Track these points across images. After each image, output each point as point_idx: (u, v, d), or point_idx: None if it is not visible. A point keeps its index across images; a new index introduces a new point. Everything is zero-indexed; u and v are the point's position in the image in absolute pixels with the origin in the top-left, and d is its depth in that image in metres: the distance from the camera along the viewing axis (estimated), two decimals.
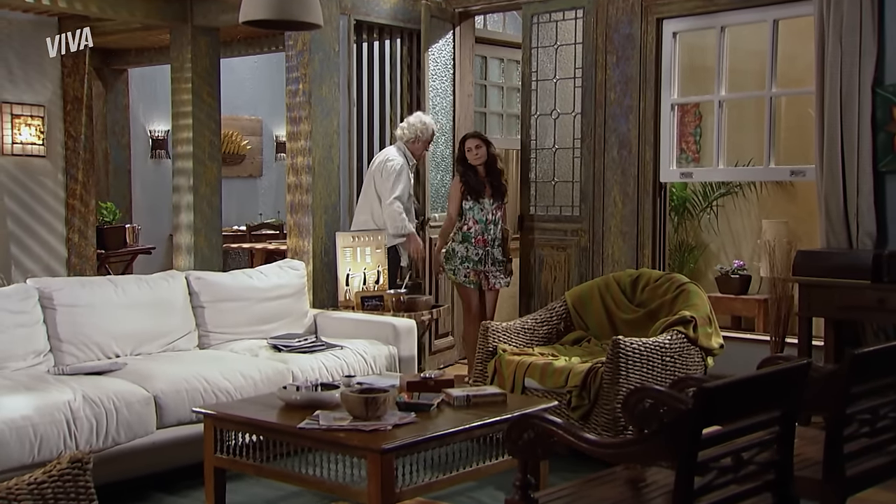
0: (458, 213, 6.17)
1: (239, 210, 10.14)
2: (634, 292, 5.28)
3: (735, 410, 2.61)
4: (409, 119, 6.37)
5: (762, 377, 2.70)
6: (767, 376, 2.72)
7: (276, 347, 4.88)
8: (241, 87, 10.21)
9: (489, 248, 6.12)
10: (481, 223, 6.11)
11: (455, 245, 6.11)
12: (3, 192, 7.66)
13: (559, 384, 4.66)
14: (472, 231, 6.11)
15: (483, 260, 6.11)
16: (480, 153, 6.13)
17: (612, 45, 6.31)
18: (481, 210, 6.11)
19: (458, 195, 6.17)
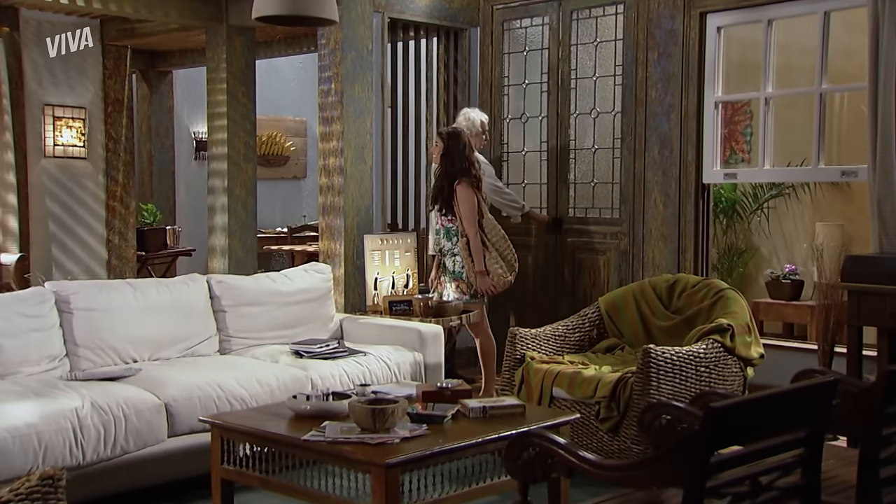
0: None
1: (283, 212, 10.11)
2: (671, 298, 5.05)
3: (750, 432, 2.41)
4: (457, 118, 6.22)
5: (781, 395, 2.49)
6: (787, 394, 2.50)
7: (297, 353, 4.77)
8: (285, 87, 10.17)
9: (442, 259, 5.70)
10: (433, 232, 5.79)
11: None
12: (44, 194, 7.71)
13: (588, 394, 4.47)
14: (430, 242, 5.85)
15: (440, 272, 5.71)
16: (435, 153, 5.73)
17: (653, 41, 6.09)
18: (434, 217, 5.76)
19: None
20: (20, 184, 7.43)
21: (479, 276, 5.51)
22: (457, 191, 5.51)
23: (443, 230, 5.63)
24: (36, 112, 7.63)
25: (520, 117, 6.78)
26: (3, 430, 3.55)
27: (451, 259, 5.60)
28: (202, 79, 9.59)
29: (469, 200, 5.50)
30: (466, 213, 5.49)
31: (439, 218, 5.63)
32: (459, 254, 5.55)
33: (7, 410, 3.66)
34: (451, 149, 5.54)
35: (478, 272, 5.50)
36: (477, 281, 5.52)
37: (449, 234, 5.60)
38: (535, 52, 6.71)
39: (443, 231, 5.63)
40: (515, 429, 3.57)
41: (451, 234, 5.58)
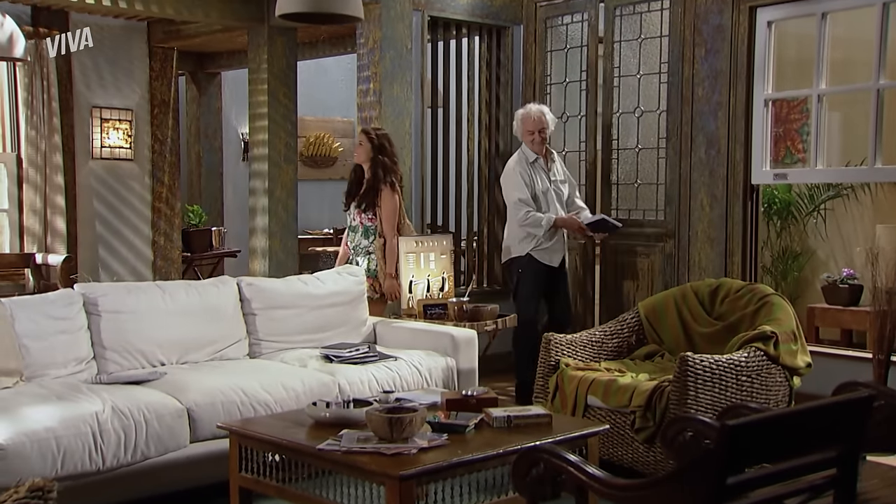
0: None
1: (331, 213, 10.06)
2: (713, 304, 4.86)
3: (774, 451, 2.25)
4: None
5: (807, 412, 2.32)
6: (815, 411, 2.34)
7: (327, 357, 4.69)
8: (334, 88, 10.13)
9: (352, 257, 5.66)
10: (348, 227, 5.72)
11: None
12: (92, 195, 7.77)
13: (623, 403, 4.31)
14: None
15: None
16: (360, 151, 5.59)
17: (700, 37, 5.89)
18: (349, 215, 5.69)
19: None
20: (68, 185, 7.51)
21: (388, 279, 5.51)
22: (382, 193, 5.50)
23: (361, 228, 5.58)
24: (84, 114, 7.70)
25: (560, 116, 6.62)
26: (21, 434, 3.52)
27: (366, 257, 5.55)
28: None
29: (393, 203, 5.51)
30: (388, 216, 5.50)
31: (359, 215, 5.58)
32: (375, 253, 5.52)
33: (27, 414, 3.63)
34: (384, 150, 5.52)
35: (388, 275, 5.49)
36: (385, 283, 5.51)
37: (367, 232, 5.56)
38: (576, 49, 6.55)
39: (361, 229, 5.58)
40: (541, 439, 3.44)
41: (370, 232, 5.55)
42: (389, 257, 5.50)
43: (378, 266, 5.52)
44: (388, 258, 5.50)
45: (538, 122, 5.71)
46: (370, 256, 5.54)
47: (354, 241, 5.62)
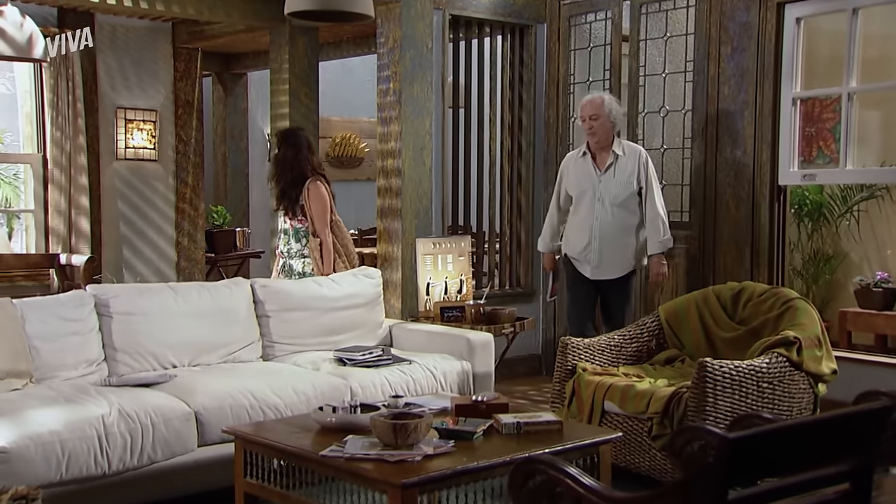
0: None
1: (357, 213, 10.01)
2: (736, 308, 4.74)
3: (780, 464, 2.14)
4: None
5: (815, 424, 2.22)
6: (824, 423, 2.23)
7: (340, 361, 4.63)
8: (360, 88, 10.08)
9: (285, 260, 5.49)
10: (278, 233, 5.55)
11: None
12: (116, 196, 7.79)
13: (640, 409, 4.20)
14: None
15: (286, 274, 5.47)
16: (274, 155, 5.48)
17: (726, 35, 5.76)
18: (278, 218, 5.51)
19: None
20: (92, 186, 7.52)
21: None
22: (309, 190, 5.31)
23: (291, 231, 5.42)
24: (109, 115, 7.72)
25: None
26: (25, 437, 3.49)
27: (301, 261, 5.39)
28: None
29: (322, 199, 5.31)
30: (319, 214, 5.30)
31: (287, 218, 5.41)
32: (309, 255, 5.34)
33: (32, 416, 3.61)
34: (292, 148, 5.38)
35: (325, 275, 5.26)
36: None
37: (297, 234, 5.40)
38: (600, 48, 6.44)
39: (291, 231, 5.42)
40: (551, 447, 3.36)
41: (301, 234, 5.40)
42: (327, 258, 5.27)
43: (315, 269, 5.32)
44: (325, 259, 5.28)
45: (584, 107, 5.29)
46: (305, 260, 5.36)
47: (284, 244, 5.42)
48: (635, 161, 5.27)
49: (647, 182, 5.25)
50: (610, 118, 5.22)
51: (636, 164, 5.26)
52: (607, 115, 5.21)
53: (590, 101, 5.26)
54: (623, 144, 5.33)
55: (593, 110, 5.21)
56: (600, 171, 5.27)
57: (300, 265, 5.37)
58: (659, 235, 5.23)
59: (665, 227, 5.26)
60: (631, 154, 5.29)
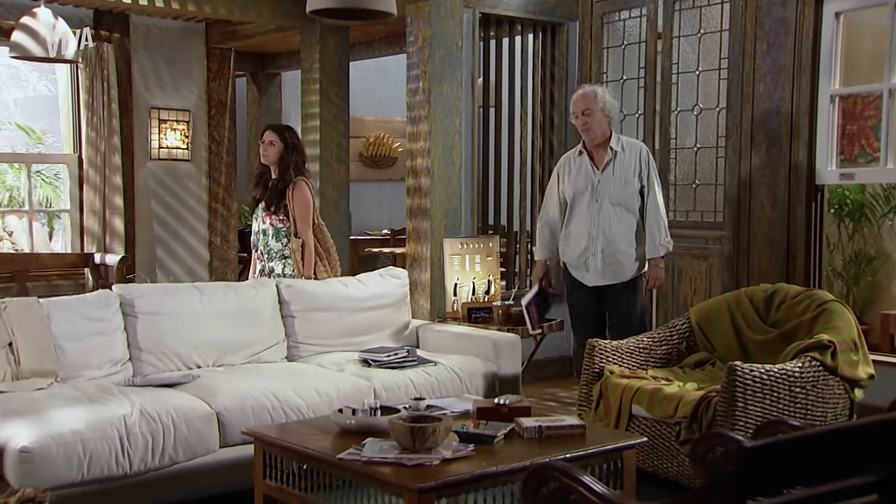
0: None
1: (391, 213, 10.01)
2: (769, 310, 4.63)
3: (801, 474, 2.06)
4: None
5: (839, 432, 2.13)
6: (849, 431, 2.14)
7: (365, 362, 4.60)
8: (393, 88, 10.04)
9: (265, 262, 5.25)
10: (255, 235, 5.32)
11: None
12: (150, 196, 7.84)
13: (668, 413, 4.11)
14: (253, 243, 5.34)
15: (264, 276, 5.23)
16: (271, 151, 5.20)
17: (762, 31, 5.63)
18: (256, 219, 5.30)
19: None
20: (126, 186, 7.58)
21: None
22: (294, 190, 5.17)
23: (271, 230, 5.23)
24: (143, 115, 7.77)
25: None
26: (48, 436, 3.49)
27: (281, 262, 5.22)
28: None
29: (307, 201, 5.18)
30: (302, 215, 5.16)
31: (268, 217, 5.22)
32: (290, 256, 5.19)
33: (55, 416, 3.61)
34: (296, 149, 5.25)
35: (306, 277, 5.12)
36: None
37: (279, 234, 5.22)
38: (633, 45, 6.34)
39: (271, 231, 5.23)
40: (573, 451, 3.30)
41: (281, 234, 5.21)
42: (308, 259, 5.14)
43: (295, 270, 5.16)
44: (306, 261, 5.14)
45: (576, 102, 4.92)
46: (286, 261, 5.21)
47: (267, 245, 5.25)
48: (636, 157, 4.92)
49: (649, 180, 4.92)
50: (604, 112, 4.86)
51: (637, 161, 4.92)
52: (601, 108, 4.85)
53: (581, 95, 4.89)
54: (622, 140, 4.98)
55: (586, 105, 4.84)
56: (598, 170, 4.92)
57: (280, 267, 5.20)
58: (658, 238, 4.89)
59: (665, 229, 4.93)
60: (631, 150, 4.94)
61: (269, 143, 5.19)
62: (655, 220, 4.90)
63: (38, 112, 11.92)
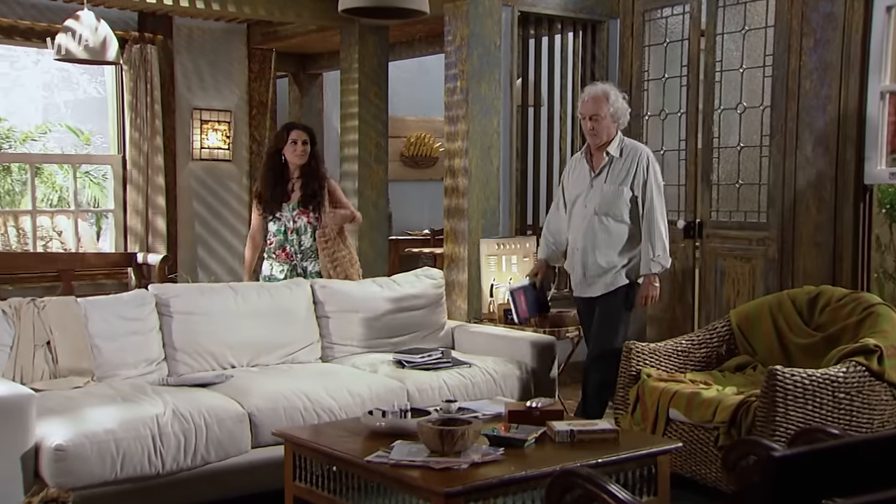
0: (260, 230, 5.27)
1: (431, 214, 9.97)
2: (812, 313, 4.51)
3: (835, 485, 1.98)
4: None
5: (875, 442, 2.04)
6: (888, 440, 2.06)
7: (399, 363, 4.57)
8: (435, 87, 9.99)
9: (296, 262, 5.19)
10: (280, 234, 5.19)
11: (264, 263, 5.29)
12: (191, 196, 7.90)
13: (706, 418, 4.03)
14: (272, 246, 5.20)
15: (291, 277, 5.12)
16: (306, 151, 5.15)
17: (808, 27, 5.49)
18: (278, 219, 5.17)
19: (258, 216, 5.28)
20: (169, 186, 7.65)
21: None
22: (332, 186, 5.27)
23: (309, 228, 5.16)
24: (185, 116, 7.83)
25: (658, 114, 6.32)
26: (82, 435, 3.51)
27: (314, 261, 5.17)
28: None
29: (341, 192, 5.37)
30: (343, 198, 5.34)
31: (304, 215, 5.14)
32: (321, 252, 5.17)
33: (89, 415, 3.63)
34: (317, 145, 5.29)
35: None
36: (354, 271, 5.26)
37: (314, 232, 5.18)
38: (676, 43, 6.23)
39: (309, 229, 5.16)
40: (605, 456, 3.24)
41: (313, 232, 5.19)
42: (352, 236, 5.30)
43: (322, 266, 5.14)
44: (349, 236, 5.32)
45: (585, 104, 4.63)
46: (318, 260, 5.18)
47: (297, 244, 5.18)
48: (633, 164, 4.59)
49: (647, 189, 4.56)
50: (614, 117, 4.61)
51: (633, 169, 4.58)
52: (611, 114, 4.59)
53: (592, 98, 4.60)
54: (623, 144, 4.67)
55: (595, 110, 4.57)
56: (593, 174, 4.68)
57: (314, 265, 5.17)
58: (652, 253, 4.54)
59: (662, 243, 4.56)
60: (629, 156, 4.61)
61: (303, 143, 5.16)
62: (650, 233, 4.56)
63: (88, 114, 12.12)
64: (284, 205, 5.17)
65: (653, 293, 4.63)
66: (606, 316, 4.62)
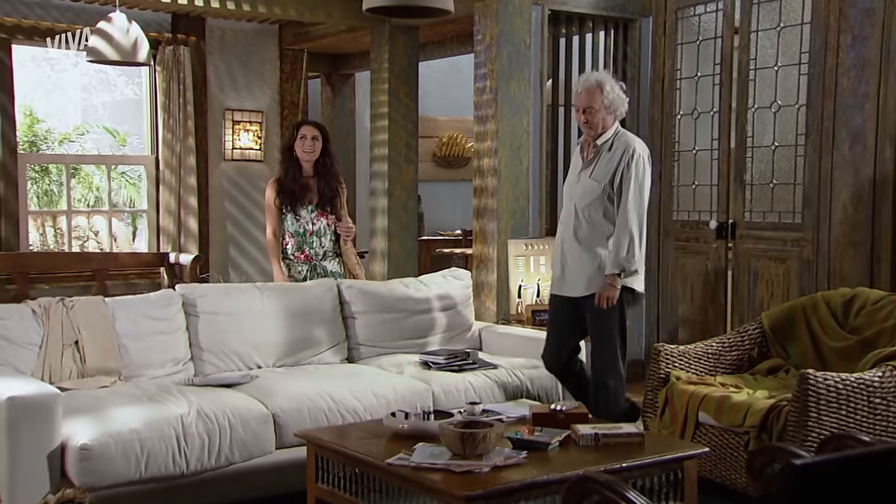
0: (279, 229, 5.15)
1: (463, 214, 9.93)
2: (847, 316, 4.41)
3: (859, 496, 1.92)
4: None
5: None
6: None
7: (425, 364, 4.54)
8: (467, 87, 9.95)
9: (315, 263, 5.11)
10: (298, 236, 5.11)
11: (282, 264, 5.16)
12: (223, 196, 7.93)
13: (736, 422, 3.95)
14: (289, 247, 5.11)
15: (310, 279, 5.02)
16: (316, 147, 5.04)
17: (846, 23, 5.38)
18: (296, 220, 5.09)
19: (273, 206, 5.14)
20: (200, 186, 7.68)
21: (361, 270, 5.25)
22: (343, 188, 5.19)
23: (329, 231, 5.11)
24: (217, 117, 7.87)
25: (691, 113, 6.23)
26: (107, 434, 3.53)
27: (335, 259, 5.13)
28: None
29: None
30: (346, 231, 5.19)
31: (324, 217, 5.10)
32: (342, 254, 5.15)
33: (114, 414, 3.65)
34: (330, 143, 5.19)
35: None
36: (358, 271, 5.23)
37: (333, 234, 5.14)
38: (709, 41, 6.14)
39: (329, 232, 5.11)
40: (630, 460, 3.18)
41: (332, 234, 5.15)
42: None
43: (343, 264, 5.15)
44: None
45: (579, 96, 4.36)
46: (338, 259, 5.15)
47: (318, 246, 5.12)
48: (619, 159, 4.30)
49: (625, 184, 4.23)
50: (609, 109, 4.31)
51: (618, 164, 4.29)
52: (606, 106, 4.30)
53: (585, 90, 4.31)
54: (615, 137, 4.36)
55: (589, 102, 4.29)
56: (582, 166, 4.42)
57: (335, 265, 5.14)
58: (618, 252, 4.20)
59: (631, 244, 4.20)
60: (618, 150, 4.31)
61: (312, 138, 5.09)
62: (621, 232, 4.21)
63: (125, 115, 12.24)
64: (301, 207, 5.11)
65: (610, 294, 4.21)
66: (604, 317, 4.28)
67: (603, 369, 4.27)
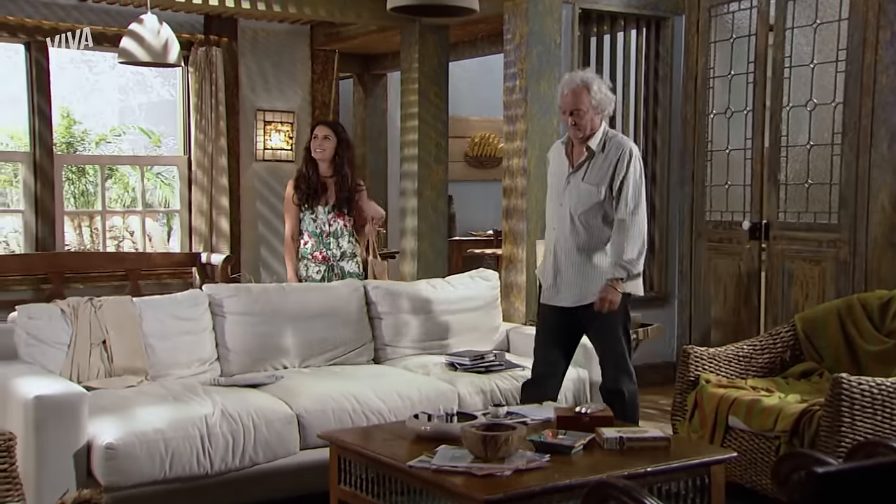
0: (297, 228, 5.15)
1: (496, 214, 9.88)
2: (884, 318, 4.31)
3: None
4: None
5: None
6: None
7: (451, 365, 4.51)
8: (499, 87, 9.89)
9: (333, 263, 5.07)
10: (316, 236, 5.09)
11: (300, 264, 5.16)
12: (255, 196, 7.96)
13: (767, 426, 3.87)
14: (307, 247, 5.10)
15: (327, 279, 5.01)
16: (327, 146, 5.03)
17: (885, 19, 5.27)
18: (314, 220, 5.07)
19: (292, 202, 5.15)
20: (232, 187, 7.70)
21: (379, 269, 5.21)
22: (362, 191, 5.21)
23: (346, 232, 5.11)
24: (249, 117, 7.89)
25: (724, 112, 6.14)
26: (132, 434, 3.54)
27: (353, 260, 5.11)
28: None
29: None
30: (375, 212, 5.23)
31: (341, 218, 5.09)
32: (360, 255, 5.14)
33: (140, 414, 3.66)
34: (347, 144, 5.18)
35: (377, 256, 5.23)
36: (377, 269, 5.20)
37: (351, 235, 5.14)
38: (742, 39, 6.04)
39: (346, 233, 5.11)
40: (655, 465, 3.13)
41: (351, 234, 5.15)
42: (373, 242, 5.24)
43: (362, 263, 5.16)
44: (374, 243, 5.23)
45: (565, 98, 4.09)
46: (355, 260, 5.15)
47: (335, 247, 5.10)
48: (615, 162, 4.05)
49: (624, 185, 4.02)
50: (597, 109, 4.07)
51: (614, 166, 4.05)
52: (594, 106, 4.05)
53: (571, 92, 4.06)
54: (607, 138, 4.12)
55: (576, 104, 4.04)
56: (571, 170, 4.16)
57: (353, 266, 5.14)
58: (620, 256, 3.99)
59: (635, 247, 4.00)
60: (613, 152, 4.07)
61: (323, 137, 5.09)
62: (620, 236, 4.01)
63: (161, 116, 12.35)
64: (319, 207, 5.11)
65: (611, 297, 3.99)
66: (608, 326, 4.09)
67: (615, 377, 4.09)
